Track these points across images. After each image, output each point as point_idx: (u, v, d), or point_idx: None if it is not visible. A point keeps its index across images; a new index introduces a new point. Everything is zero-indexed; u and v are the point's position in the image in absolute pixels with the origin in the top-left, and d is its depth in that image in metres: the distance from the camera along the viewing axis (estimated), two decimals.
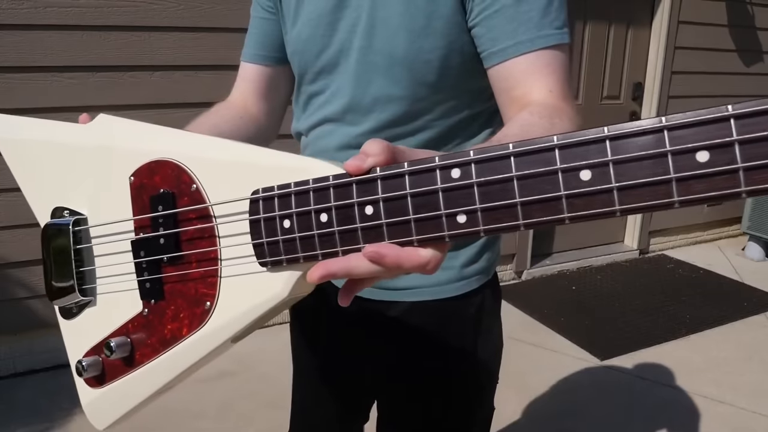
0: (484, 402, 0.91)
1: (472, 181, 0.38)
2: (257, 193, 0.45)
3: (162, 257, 0.52)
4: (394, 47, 0.72)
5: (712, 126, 0.32)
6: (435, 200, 0.39)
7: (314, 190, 0.42)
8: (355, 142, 0.79)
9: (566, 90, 0.67)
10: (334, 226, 0.42)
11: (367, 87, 0.76)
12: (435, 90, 0.74)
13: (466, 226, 0.38)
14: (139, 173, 0.53)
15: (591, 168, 0.35)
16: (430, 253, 0.40)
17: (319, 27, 0.77)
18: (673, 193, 0.33)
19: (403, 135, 0.77)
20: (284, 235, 0.44)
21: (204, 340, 0.50)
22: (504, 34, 0.67)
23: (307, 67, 0.81)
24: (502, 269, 3.42)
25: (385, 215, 0.40)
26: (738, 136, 0.31)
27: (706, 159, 0.32)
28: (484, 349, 0.86)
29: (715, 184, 0.33)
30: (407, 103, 0.75)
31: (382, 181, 0.40)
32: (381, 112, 0.76)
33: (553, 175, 0.36)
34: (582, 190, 0.35)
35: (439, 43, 0.71)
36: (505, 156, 0.37)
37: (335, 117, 0.80)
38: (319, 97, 0.82)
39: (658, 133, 0.33)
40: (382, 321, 0.86)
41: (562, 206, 0.36)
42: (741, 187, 0.32)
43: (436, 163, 0.39)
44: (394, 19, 0.71)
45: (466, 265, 0.83)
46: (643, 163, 0.34)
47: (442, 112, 0.76)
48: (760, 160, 0.31)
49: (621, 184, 0.34)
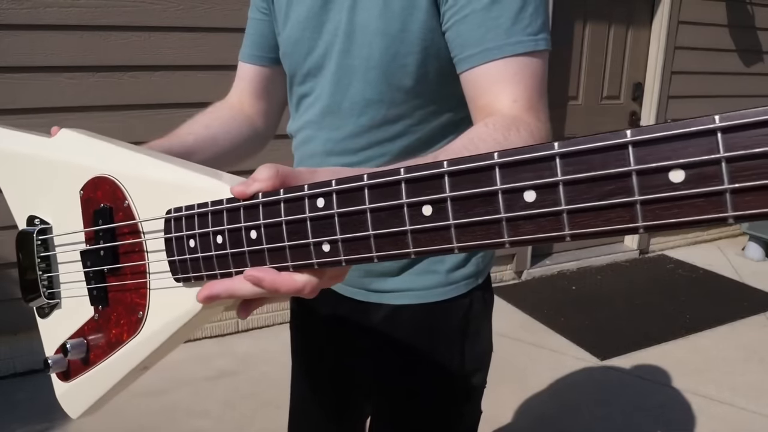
0: (471, 404, 0.91)
1: (333, 212, 0.38)
2: (170, 213, 0.48)
3: (103, 268, 0.55)
4: (370, 51, 0.71)
5: (540, 164, 0.31)
6: (305, 228, 0.40)
7: (212, 212, 0.45)
8: (338, 147, 0.79)
9: (534, 100, 0.65)
10: (228, 248, 0.44)
11: (346, 91, 0.75)
12: (412, 95, 0.73)
13: (331, 255, 0.39)
14: (87, 187, 0.57)
15: (432, 204, 0.35)
16: (305, 279, 0.41)
17: (306, 29, 0.77)
18: (503, 233, 0.32)
19: (383, 140, 0.76)
20: (190, 254, 0.47)
21: (141, 346, 0.53)
22: (472, 40, 0.65)
23: (297, 69, 0.82)
24: (502, 269, 3.42)
25: (266, 240, 0.42)
26: (562, 176, 0.30)
27: (533, 199, 0.31)
28: (471, 352, 0.86)
29: (541, 226, 0.31)
30: (384, 107, 0.74)
31: (263, 207, 0.42)
32: (359, 116, 0.76)
33: (400, 209, 0.36)
34: (424, 225, 0.35)
35: (414, 48, 0.70)
36: (360, 188, 0.37)
37: (318, 120, 0.80)
38: (307, 99, 0.82)
39: (490, 171, 0.32)
40: (370, 322, 0.86)
41: (408, 241, 0.36)
42: (565, 231, 0.31)
43: (305, 192, 0.39)
44: (371, 24, 0.71)
45: (452, 270, 0.82)
46: (477, 201, 0.33)
47: (421, 117, 0.75)
48: (583, 202, 0.30)
49: (458, 222, 0.34)
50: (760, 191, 0.26)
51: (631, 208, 0.29)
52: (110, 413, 2.11)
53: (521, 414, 2.17)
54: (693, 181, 0.27)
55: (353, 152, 0.78)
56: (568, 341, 2.70)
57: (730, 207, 0.27)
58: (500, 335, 2.76)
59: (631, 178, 0.28)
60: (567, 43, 3.43)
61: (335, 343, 0.95)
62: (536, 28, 0.65)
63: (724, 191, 0.26)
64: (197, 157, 0.81)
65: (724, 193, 0.27)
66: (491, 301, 0.91)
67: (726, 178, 0.26)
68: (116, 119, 2.31)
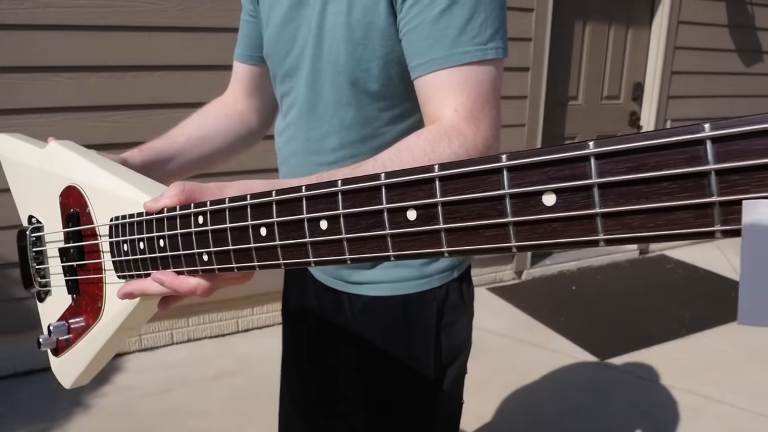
0: (447, 394, 0.92)
1: (207, 228, 0.46)
2: (113, 220, 0.57)
3: (73, 264, 0.65)
4: (337, 57, 0.75)
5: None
6: (190, 240, 0.48)
7: (137, 222, 0.54)
8: (314, 147, 0.82)
9: (476, 109, 0.66)
10: (147, 253, 0.53)
11: (320, 93, 0.79)
12: (378, 98, 0.76)
13: (209, 264, 0.48)
14: (63, 194, 0.67)
15: (267, 227, 0.42)
16: (197, 282, 0.49)
17: (283, 32, 0.81)
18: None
19: (353, 141, 0.79)
20: (124, 256, 0.56)
21: (101, 331, 0.63)
22: (421, 50, 0.68)
23: (277, 70, 0.85)
24: (502, 269, 3.42)
25: (170, 249, 0.50)
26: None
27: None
28: (447, 343, 0.88)
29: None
30: (353, 109, 0.77)
31: (167, 221, 0.50)
32: (332, 118, 0.79)
33: (245, 230, 0.43)
34: (260, 244, 0.42)
35: (376, 54, 0.73)
36: (222, 209, 0.45)
37: (297, 120, 0.84)
38: (287, 99, 0.86)
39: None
40: (350, 313, 0.89)
41: (252, 256, 0.43)
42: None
43: (191, 210, 0.48)
44: (337, 31, 0.74)
45: (426, 263, 0.85)
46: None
47: (389, 119, 0.78)
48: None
49: (284, 243, 0.41)
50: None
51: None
52: (110, 413, 2.11)
53: (521, 414, 2.17)
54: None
55: (328, 152, 0.81)
56: (568, 341, 2.70)
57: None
58: (500, 335, 2.77)
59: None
60: (567, 43, 3.43)
61: (316, 334, 0.99)
62: (485, 37, 0.66)
63: (595, 215, 0.28)
64: (187, 156, 0.87)
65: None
66: (470, 294, 0.93)
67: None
68: (116, 119, 2.31)
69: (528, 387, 2.32)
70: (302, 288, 0.99)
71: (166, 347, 2.61)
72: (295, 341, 1.06)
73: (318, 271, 0.94)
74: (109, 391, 2.25)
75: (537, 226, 0.29)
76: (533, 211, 0.29)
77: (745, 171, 0.25)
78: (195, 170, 0.90)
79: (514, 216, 0.30)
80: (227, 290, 3.11)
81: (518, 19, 3.02)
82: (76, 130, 2.22)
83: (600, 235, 0.28)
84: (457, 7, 0.65)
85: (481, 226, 0.31)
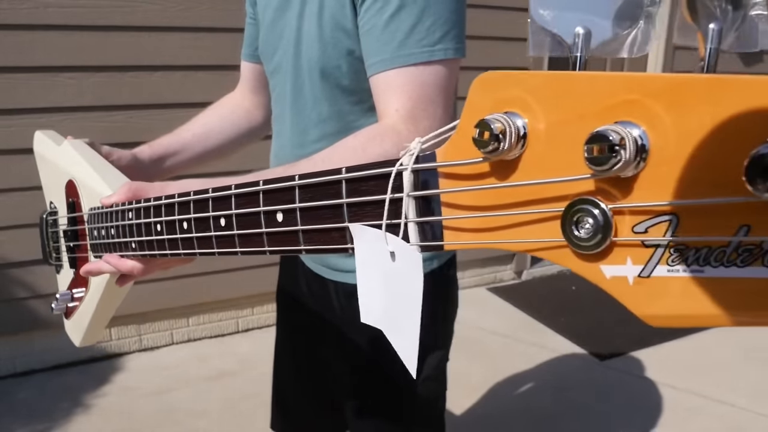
0: (430, 380, 0.93)
1: (140, 222, 0.60)
2: (91, 210, 0.73)
3: (71, 244, 0.83)
4: (312, 55, 0.80)
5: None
6: (126, 230, 0.62)
7: (97, 214, 0.70)
8: (298, 140, 0.87)
9: (417, 109, 0.69)
10: (108, 238, 0.68)
11: (301, 89, 0.84)
12: (349, 92, 0.81)
13: (138, 249, 0.62)
14: (66, 186, 0.82)
15: (187, 221, 0.53)
16: (132, 264, 0.64)
17: (272, 32, 0.87)
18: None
19: (329, 134, 0.83)
20: (96, 240, 0.72)
21: (92, 298, 0.78)
22: (372, 51, 0.72)
23: (267, 67, 0.92)
24: (502, 269, 3.42)
25: (114, 237, 0.66)
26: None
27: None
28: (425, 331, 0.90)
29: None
30: (328, 104, 0.82)
31: (114, 214, 0.65)
32: (311, 112, 0.84)
33: (171, 224, 0.55)
34: (178, 236, 0.54)
35: (344, 52, 0.77)
36: (148, 207, 0.58)
37: (283, 115, 0.89)
38: (275, 95, 0.92)
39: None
40: (335, 299, 0.94)
41: (165, 245, 0.57)
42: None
43: (125, 206, 0.62)
44: (312, 31, 0.79)
45: None
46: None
47: (361, 112, 0.82)
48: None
49: (198, 235, 0.51)
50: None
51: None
52: (111, 413, 2.11)
53: (521, 414, 2.17)
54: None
55: (309, 144, 0.86)
56: (568, 341, 2.70)
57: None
58: (500, 335, 2.77)
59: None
60: None
61: (302, 323, 1.05)
62: (433, 39, 0.69)
63: (298, 231, 0.42)
64: (192, 151, 0.96)
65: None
66: (451, 284, 0.96)
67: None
68: (116, 119, 2.31)
69: (528, 387, 2.32)
70: (294, 274, 1.04)
71: (166, 347, 2.61)
72: (285, 328, 1.14)
73: (307, 258, 0.98)
74: (109, 391, 2.25)
75: (271, 237, 0.44)
76: (272, 225, 0.43)
77: (363, 205, 0.37)
78: (200, 163, 0.96)
79: (266, 227, 0.44)
80: (227, 290, 3.10)
81: (516, 19, 3.01)
82: (76, 130, 2.19)
83: (302, 246, 0.41)
84: (404, 12, 0.69)
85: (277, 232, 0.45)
